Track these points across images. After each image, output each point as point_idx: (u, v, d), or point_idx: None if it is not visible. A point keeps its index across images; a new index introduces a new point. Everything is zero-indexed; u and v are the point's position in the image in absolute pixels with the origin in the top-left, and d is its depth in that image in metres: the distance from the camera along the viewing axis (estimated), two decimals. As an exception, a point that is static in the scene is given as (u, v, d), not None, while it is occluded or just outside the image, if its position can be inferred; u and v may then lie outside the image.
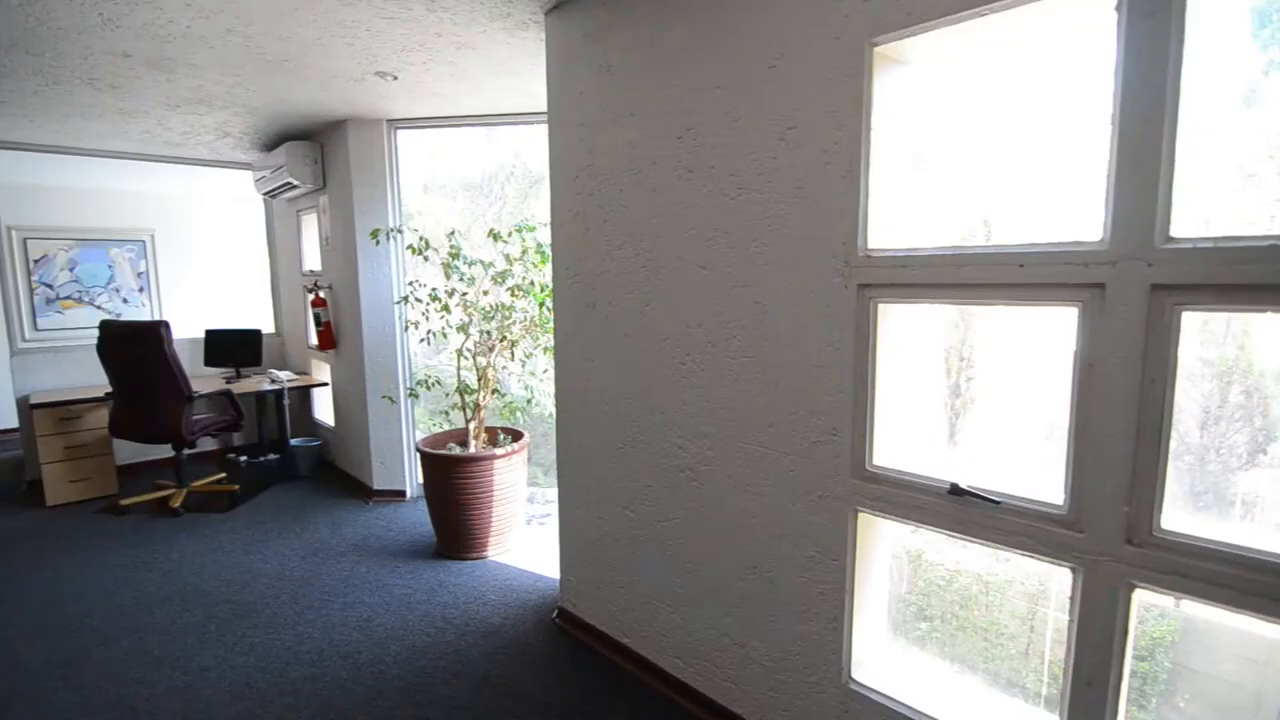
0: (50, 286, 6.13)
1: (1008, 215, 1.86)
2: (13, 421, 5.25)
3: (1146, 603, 1.42)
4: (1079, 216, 1.41)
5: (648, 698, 2.35)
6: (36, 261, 6.04)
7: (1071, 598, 1.37)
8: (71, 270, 6.23)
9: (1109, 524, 1.29)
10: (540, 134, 4.11)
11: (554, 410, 2.81)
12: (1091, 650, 1.33)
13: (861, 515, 1.72)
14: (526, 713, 2.27)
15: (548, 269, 3.48)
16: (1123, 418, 1.26)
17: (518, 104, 3.69)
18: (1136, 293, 1.23)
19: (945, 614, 2.26)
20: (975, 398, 2.17)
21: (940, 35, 1.50)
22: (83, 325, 6.05)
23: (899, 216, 1.69)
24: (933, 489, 1.56)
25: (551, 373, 3.14)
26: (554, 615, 2.90)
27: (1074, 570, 1.35)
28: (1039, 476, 1.46)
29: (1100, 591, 1.31)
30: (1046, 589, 2.08)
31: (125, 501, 4.29)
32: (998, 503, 1.45)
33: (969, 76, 1.75)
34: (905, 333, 1.70)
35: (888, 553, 1.83)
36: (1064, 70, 1.65)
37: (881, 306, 1.63)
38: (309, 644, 2.70)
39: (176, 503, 4.23)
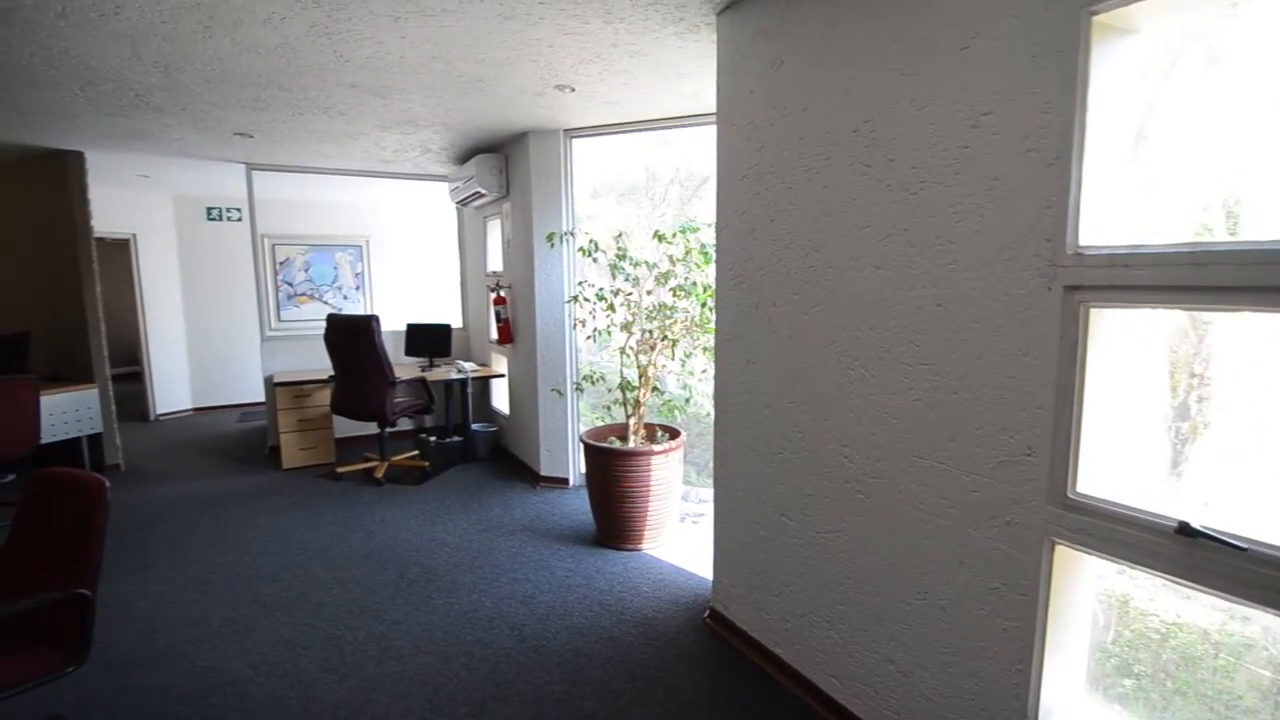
0: (290, 284, 7.33)
1: (1265, 207, 1.54)
2: (261, 396, 6.35)
3: None
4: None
5: (799, 713, 2.27)
6: (281, 264, 7.26)
7: (1349, 676, 1.10)
8: (306, 271, 7.40)
9: None
10: (704, 136, 4.15)
11: (711, 410, 2.81)
12: (1378, 745, 1.07)
13: (1059, 548, 1.53)
14: (675, 708, 2.30)
15: (711, 269, 3.49)
16: None
17: (684, 107, 3.74)
18: None
19: (1158, 672, 1.94)
20: (1209, 421, 1.83)
21: (1183, -5, 1.28)
22: (314, 318, 7.17)
23: (1118, 209, 1.47)
24: (1154, 526, 1.34)
25: (710, 373, 3.15)
26: (705, 615, 2.91)
27: (1354, 643, 1.09)
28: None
29: (1395, 674, 1.05)
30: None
31: (341, 470, 4.99)
32: (1243, 549, 1.21)
33: (1215, 43, 1.47)
34: (1121, 342, 1.48)
35: (1090, 594, 1.61)
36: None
37: (1094, 312, 1.43)
38: (482, 611, 2.95)
39: (380, 474, 4.83)
